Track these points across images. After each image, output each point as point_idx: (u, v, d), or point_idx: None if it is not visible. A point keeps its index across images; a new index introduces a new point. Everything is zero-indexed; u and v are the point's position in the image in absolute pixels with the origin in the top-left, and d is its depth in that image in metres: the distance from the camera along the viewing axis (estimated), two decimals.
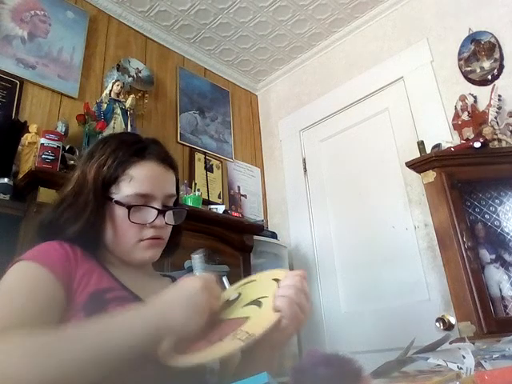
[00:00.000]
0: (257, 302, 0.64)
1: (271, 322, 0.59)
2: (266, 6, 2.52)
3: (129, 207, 0.76)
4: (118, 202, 0.76)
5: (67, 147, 1.83)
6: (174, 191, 0.84)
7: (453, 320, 1.84)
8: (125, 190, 0.77)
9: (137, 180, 0.77)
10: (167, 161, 0.83)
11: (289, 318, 0.62)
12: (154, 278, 0.87)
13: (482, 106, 2.03)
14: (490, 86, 2.02)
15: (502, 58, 2.06)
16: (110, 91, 2.09)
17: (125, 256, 0.79)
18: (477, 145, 1.78)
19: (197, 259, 0.81)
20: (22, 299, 0.63)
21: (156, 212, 0.77)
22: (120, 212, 0.77)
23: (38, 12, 2.13)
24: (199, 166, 2.59)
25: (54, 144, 1.66)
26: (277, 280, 0.68)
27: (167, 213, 0.80)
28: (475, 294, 1.58)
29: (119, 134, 0.95)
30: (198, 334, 0.61)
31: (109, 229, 0.78)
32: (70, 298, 0.68)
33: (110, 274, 0.76)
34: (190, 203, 2.08)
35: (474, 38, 2.16)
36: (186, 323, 0.60)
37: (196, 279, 0.64)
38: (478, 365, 0.58)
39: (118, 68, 2.36)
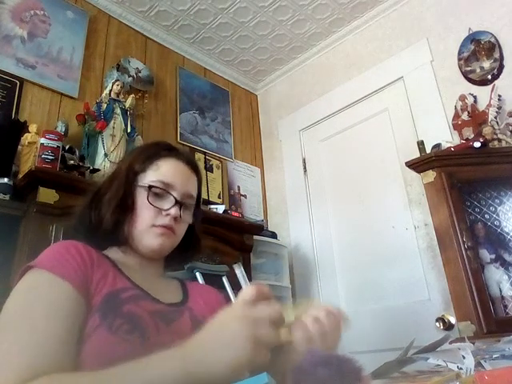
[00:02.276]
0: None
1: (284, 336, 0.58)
2: (265, 6, 2.52)
3: (149, 187, 0.81)
4: (141, 185, 0.82)
5: (67, 147, 1.83)
6: (195, 194, 0.88)
7: (453, 320, 1.85)
8: (150, 176, 0.83)
9: (162, 169, 0.84)
10: (193, 165, 0.90)
11: (298, 344, 0.60)
12: (164, 279, 0.88)
13: (481, 106, 2.03)
14: (490, 86, 2.02)
15: (501, 57, 2.06)
16: (110, 91, 2.09)
17: (137, 242, 0.81)
18: (477, 145, 1.78)
19: (238, 271, 0.70)
20: (47, 322, 0.60)
21: (173, 201, 0.82)
22: (141, 195, 0.82)
23: (37, 12, 2.13)
24: (199, 166, 2.59)
25: (54, 144, 1.66)
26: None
27: (184, 209, 0.83)
28: (475, 294, 1.58)
29: (155, 141, 1.01)
30: None
31: (130, 214, 0.81)
32: (90, 304, 0.66)
33: (123, 274, 0.77)
34: None
35: (473, 38, 2.16)
36: (223, 370, 0.49)
37: (231, 314, 0.52)
38: (478, 365, 0.58)
39: (118, 68, 2.36)
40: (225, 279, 1.63)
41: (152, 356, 0.53)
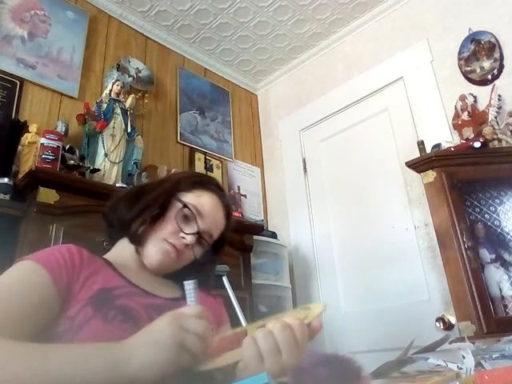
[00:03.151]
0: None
1: (230, 360, 0.58)
2: (265, 6, 2.52)
3: (183, 206, 0.85)
4: (179, 200, 0.87)
5: (67, 147, 1.83)
6: (215, 236, 0.91)
7: (453, 320, 1.85)
8: (189, 198, 0.88)
9: (202, 199, 0.88)
10: (229, 211, 0.95)
11: (245, 361, 0.57)
12: (164, 282, 0.89)
13: (481, 106, 2.03)
14: (490, 86, 2.02)
15: (501, 57, 2.06)
16: (110, 91, 2.09)
17: (145, 249, 0.85)
18: (477, 145, 1.78)
19: (189, 287, 0.69)
20: (14, 295, 0.66)
21: (196, 229, 0.85)
22: (173, 209, 0.86)
23: (37, 12, 2.13)
24: (199, 166, 2.59)
25: (54, 144, 1.66)
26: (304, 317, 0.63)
27: (199, 243, 0.86)
28: (475, 294, 1.58)
29: (210, 176, 1.09)
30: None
31: (157, 221, 0.85)
32: (69, 299, 0.71)
33: (118, 274, 0.80)
34: None
35: (473, 38, 2.16)
36: (146, 365, 0.56)
37: (164, 318, 0.58)
38: (478, 365, 0.58)
39: (118, 68, 2.36)
40: (225, 279, 1.63)
41: (86, 345, 0.60)
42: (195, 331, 0.57)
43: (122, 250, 0.88)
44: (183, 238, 0.84)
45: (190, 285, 0.66)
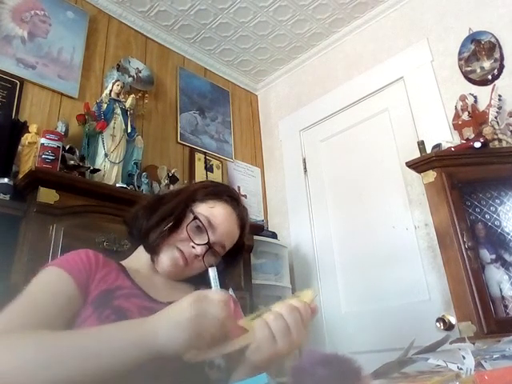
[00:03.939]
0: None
1: (241, 343, 0.60)
2: (266, 6, 2.52)
3: (195, 217, 0.87)
4: (191, 211, 0.89)
5: (67, 147, 1.82)
6: (228, 246, 0.92)
7: (453, 320, 1.84)
8: (202, 209, 0.89)
9: (215, 210, 0.90)
10: (243, 221, 0.95)
11: (258, 342, 0.61)
12: (176, 283, 0.91)
13: (482, 106, 2.03)
14: (491, 86, 2.02)
15: (502, 57, 2.06)
16: (110, 91, 2.09)
17: (158, 256, 0.88)
18: (477, 145, 1.78)
19: (213, 273, 0.77)
20: (45, 299, 0.71)
21: (206, 241, 0.86)
22: (187, 219, 0.88)
23: (38, 12, 2.13)
24: (199, 166, 2.59)
25: (54, 144, 1.66)
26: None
27: (210, 254, 0.87)
28: (475, 294, 1.58)
29: (226, 185, 1.09)
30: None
31: (173, 229, 0.87)
32: (86, 297, 0.76)
33: (127, 276, 0.84)
34: None
35: (474, 38, 2.16)
36: (171, 341, 0.59)
37: (188, 298, 0.62)
38: (478, 365, 0.57)
39: (118, 68, 2.36)
40: (211, 271, 1.63)
41: (109, 326, 0.64)
42: (215, 315, 0.59)
43: (138, 256, 0.93)
44: (193, 247, 0.86)
45: (213, 271, 0.73)
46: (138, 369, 0.61)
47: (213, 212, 0.89)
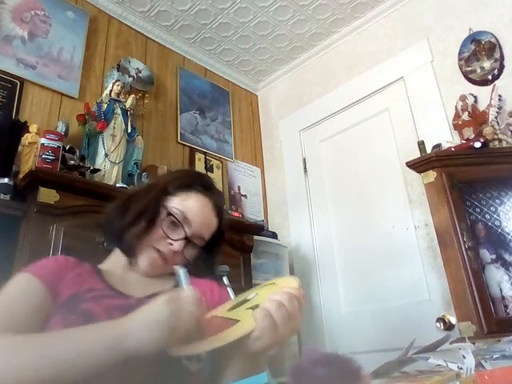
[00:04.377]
0: (255, 307, 0.64)
1: (241, 333, 0.60)
2: (266, 6, 2.52)
3: (169, 213, 0.85)
4: (164, 206, 0.87)
5: (67, 147, 1.83)
6: (207, 237, 0.91)
7: (453, 320, 1.84)
8: (175, 203, 0.87)
9: (188, 202, 0.87)
10: (220, 209, 0.93)
11: (261, 331, 0.61)
12: (156, 281, 0.88)
13: (482, 106, 2.03)
14: (491, 86, 2.02)
15: (502, 57, 2.06)
16: (111, 91, 2.09)
17: (136, 259, 0.86)
18: (477, 145, 1.78)
19: (178, 273, 0.77)
20: (15, 304, 0.72)
21: (183, 235, 0.85)
22: (161, 215, 0.86)
23: (38, 12, 2.13)
24: (199, 166, 2.59)
25: (55, 144, 1.66)
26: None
27: (189, 246, 0.86)
28: (475, 294, 1.58)
29: (198, 172, 1.07)
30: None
31: (148, 227, 0.86)
32: (57, 298, 0.76)
33: (100, 278, 0.83)
34: None
35: (474, 38, 2.16)
36: (142, 342, 0.60)
37: (160, 300, 0.63)
38: (479, 365, 0.58)
39: (118, 68, 2.36)
40: (225, 279, 1.63)
41: (81, 329, 0.65)
42: (190, 312, 0.62)
43: (115, 258, 0.91)
44: (171, 244, 0.84)
45: (178, 271, 0.74)
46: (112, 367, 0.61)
47: (186, 205, 0.87)
